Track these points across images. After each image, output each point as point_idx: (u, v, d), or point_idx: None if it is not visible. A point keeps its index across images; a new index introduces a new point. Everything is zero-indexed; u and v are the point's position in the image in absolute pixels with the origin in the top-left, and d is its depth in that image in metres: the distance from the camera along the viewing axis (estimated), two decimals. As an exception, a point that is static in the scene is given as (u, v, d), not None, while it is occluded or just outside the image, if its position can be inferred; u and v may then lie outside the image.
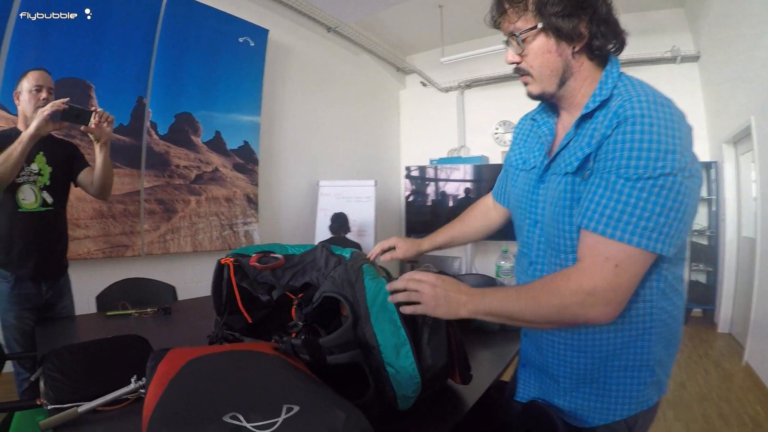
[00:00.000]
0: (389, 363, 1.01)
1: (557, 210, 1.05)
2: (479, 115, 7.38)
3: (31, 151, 2.16)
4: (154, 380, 0.93)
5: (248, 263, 1.47)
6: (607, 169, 0.93)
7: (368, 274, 1.17)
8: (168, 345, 1.84)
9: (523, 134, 1.31)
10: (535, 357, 1.20)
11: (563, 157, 1.07)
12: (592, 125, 1.01)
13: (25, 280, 2.27)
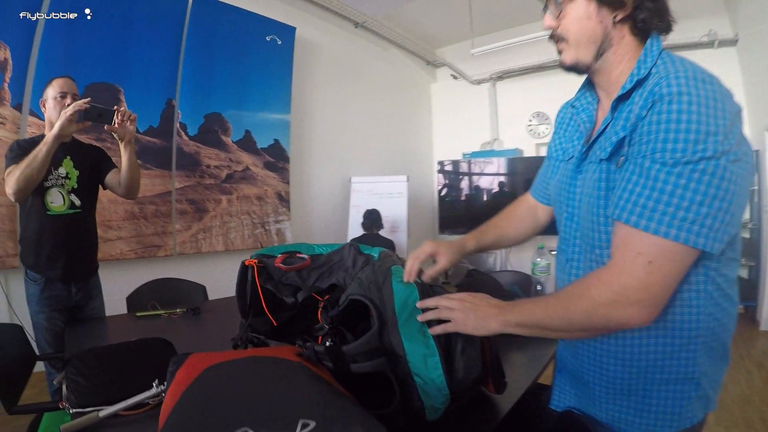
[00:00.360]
0: (416, 373, 0.93)
1: (591, 201, 0.97)
2: (512, 106, 7.22)
3: (58, 155, 2.21)
4: (171, 387, 0.90)
5: (273, 264, 1.42)
6: (641, 154, 0.84)
7: (397, 276, 1.10)
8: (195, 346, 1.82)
9: (564, 123, 1.22)
10: (570, 362, 1.12)
11: (600, 143, 0.99)
12: (628, 107, 0.91)
13: (55, 282, 2.29)
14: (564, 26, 0.98)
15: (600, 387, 1.02)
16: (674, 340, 0.92)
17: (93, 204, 2.47)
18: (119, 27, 3.77)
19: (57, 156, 2.22)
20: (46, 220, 2.25)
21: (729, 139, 0.78)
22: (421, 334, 0.96)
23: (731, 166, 0.79)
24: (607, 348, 0.99)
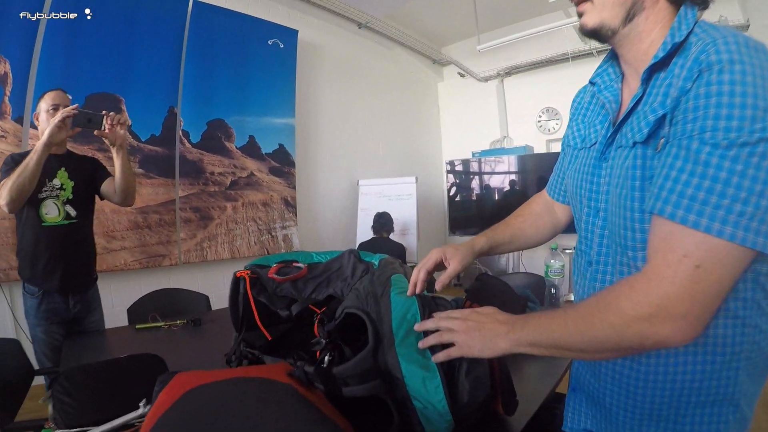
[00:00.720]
0: (415, 396, 0.83)
1: (623, 193, 0.81)
2: (521, 103, 7.08)
3: (52, 167, 2.25)
4: (151, 410, 0.83)
5: (266, 275, 1.33)
6: (688, 134, 0.69)
7: (397, 286, 1.00)
8: (192, 360, 1.76)
9: (581, 106, 1.08)
10: (589, 382, 0.98)
11: (631, 124, 0.83)
12: (666, 79, 0.77)
13: (52, 294, 2.29)
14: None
15: (624, 411, 0.88)
16: (714, 357, 0.78)
17: (89, 214, 2.47)
18: (119, 36, 3.73)
19: (52, 168, 2.24)
20: (41, 232, 2.25)
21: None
22: (420, 354, 0.86)
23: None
24: (637, 368, 0.85)
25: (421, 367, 0.84)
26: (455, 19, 6.60)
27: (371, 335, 0.87)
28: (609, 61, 0.96)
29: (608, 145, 0.90)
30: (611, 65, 0.96)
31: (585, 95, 1.08)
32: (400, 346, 0.85)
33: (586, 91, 1.08)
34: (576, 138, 1.05)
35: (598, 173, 0.93)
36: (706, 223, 0.65)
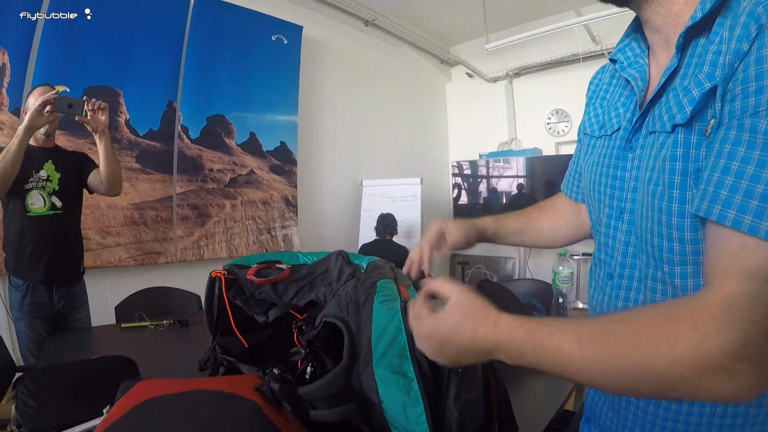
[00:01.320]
0: (395, 425, 0.70)
1: (658, 191, 0.65)
2: (530, 104, 6.94)
3: (39, 159, 2.31)
4: (104, 419, 0.76)
5: (245, 276, 1.22)
6: (751, 110, 0.52)
7: (382, 294, 0.87)
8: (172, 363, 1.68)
9: (600, 89, 0.92)
10: (606, 416, 0.82)
11: (666, 104, 0.66)
12: (710, 45, 0.60)
13: (37, 287, 2.31)
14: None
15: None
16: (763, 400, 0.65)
17: (76, 206, 2.50)
18: (119, 28, 3.64)
19: (39, 159, 2.30)
20: (26, 222, 2.28)
21: None
22: (401, 375, 0.72)
23: None
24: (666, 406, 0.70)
25: (402, 389, 0.70)
26: (464, 18, 6.49)
27: (346, 350, 0.75)
28: (631, 34, 0.81)
29: (635, 131, 0.74)
30: (634, 39, 0.80)
31: (604, 75, 0.93)
32: (378, 365, 0.71)
33: (605, 71, 0.93)
34: (593, 124, 0.89)
35: (622, 166, 0.76)
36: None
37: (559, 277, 2.22)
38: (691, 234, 0.61)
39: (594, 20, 4.81)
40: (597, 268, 0.85)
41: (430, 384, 0.73)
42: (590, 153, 0.88)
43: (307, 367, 0.90)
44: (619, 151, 0.77)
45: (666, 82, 0.67)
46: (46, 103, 2.09)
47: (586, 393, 0.92)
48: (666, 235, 0.64)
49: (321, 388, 0.73)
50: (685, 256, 0.63)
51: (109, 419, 0.74)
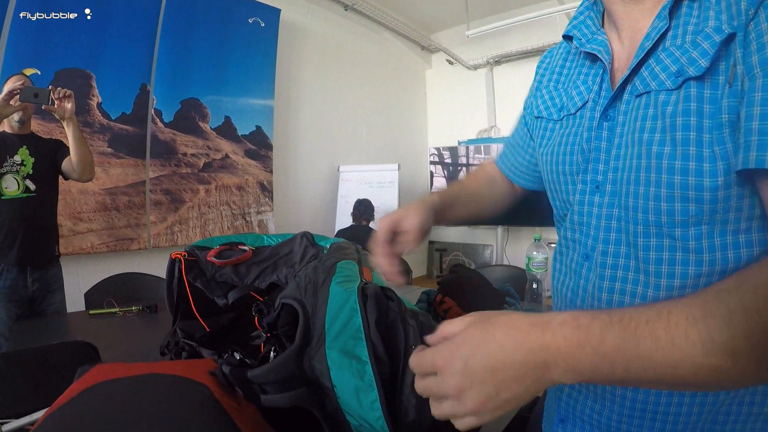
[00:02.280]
0: (348, 411, 0.67)
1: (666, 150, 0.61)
2: (510, 92, 6.94)
3: (14, 145, 2.38)
4: (55, 402, 0.73)
5: (206, 258, 1.18)
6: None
7: (341, 274, 0.84)
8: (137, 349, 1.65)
9: (553, 72, 0.89)
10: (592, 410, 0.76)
11: (658, 64, 0.64)
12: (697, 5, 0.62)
13: (10, 270, 2.35)
14: None
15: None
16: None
17: (50, 190, 2.55)
18: (91, 9, 3.53)
19: (13, 145, 2.38)
20: (1, 205, 2.33)
21: None
22: (354, 359, 0.68)
23: None
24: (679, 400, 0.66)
25: (355, 374, 0.66)
26: (445, 4, 6.45)
27: (299, 332, 0.71)
28: (585, 12, 0.80)
29: (612, 100, 0.70)
30: (588, 17, 0.79)
31: (554, 59, 0.91)
32: (331, 348, 0.67)
33: (554, 55, 0.91)
34: (550, 107, 0.85)
35: (596, 137, 0.73)
36: None
37: (533, 263, 2.21)
38: (710, 193, 0.58)
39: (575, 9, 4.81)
40: (569, 250, 0.80)
41: (385, 369, 0.69)
42: (549, 137, 0.84)
43: (269, 351, 0.87)
44: (591, 123, 0.74)
45: (655, 44, 0.65)
46: (12, 93, 2.19)
47: (556, 392, 0.85)
48: (679, 197, 0.61)
49: (271, 372, 0.69)
50: (702, 215, 0.60)
51: (57, 403, 0.72)
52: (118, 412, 0.66)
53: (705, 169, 0.57)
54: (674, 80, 0.61)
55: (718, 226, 0.59)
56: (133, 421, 0.64)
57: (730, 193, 0.57)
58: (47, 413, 0.70)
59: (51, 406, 0.72)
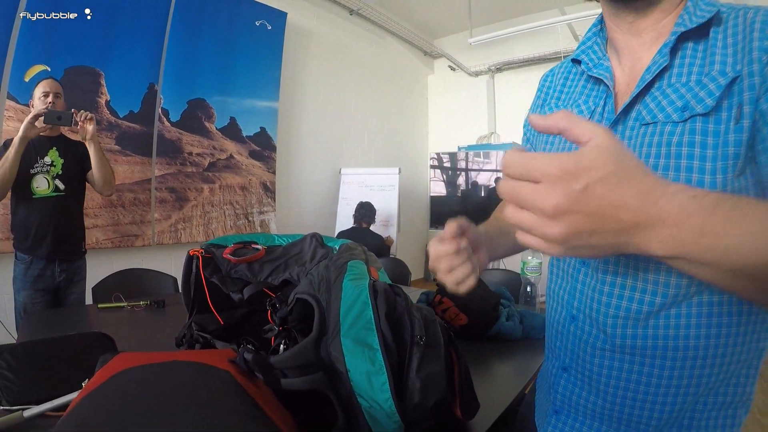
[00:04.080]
0: (360, 394, 0.76)
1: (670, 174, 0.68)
2: (510, 99, 7.03)
3: (44, 146, 2.54)
4: (82, 390, 0.78)
5: (222, 255, 1.26)
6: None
7: (352, 272, 0.93)
8: (149, 342, 1.70)
9: (554, 90, 0.97)
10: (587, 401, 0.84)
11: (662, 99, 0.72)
12: (714, 49, 0.70)
13: (40, 260, 2.53)
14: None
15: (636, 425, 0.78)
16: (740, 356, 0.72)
17: (78, 190, 2.71)
18: (101, 9, 3.59)
19: (43, 147, 2.53)
20: (32, 204, 2.50)
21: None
22: (366, 346, 0.77)
23: None
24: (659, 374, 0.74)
25: (367, 359, 0.76)
26: (449, 11, 6.53)
27: (316, 323, 0.80)
28: (593, 38, 0.88)
29: (615, 124, 0.77)
30: (596, 43, 0.87)
31: (555, 78, 0.98)
32: (345, 337, 0.77)
33: (556, 75, 0.98)
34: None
35: None
36: None
37: (528, 267, 2.29)
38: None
39: (577, 20, 4.89)
40: (564, 259, 0.87)
41: (393, 356, 0.78)
42: (551, 150, 0.90)
43: (280, 343, 0.95)
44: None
45: (655, 78, 0.73)
46: (37, 116, 2.34)
47: (553, 385, 0.92)
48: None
49: (291, 358, 0.77)
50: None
51: (87, 389, 0.76)
52: (151, 393, 0.72)
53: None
54: (680, 114, 0.69)
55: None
56: (167, 400, 0.70)
57: None
58: (80, 396, 0.74)
59: (82, 390, 0.78)
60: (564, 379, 0.88)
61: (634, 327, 0.74)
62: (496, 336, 1.67)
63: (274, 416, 0.73)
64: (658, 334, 0.72)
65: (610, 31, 0.82)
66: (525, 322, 1.73)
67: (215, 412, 0.67)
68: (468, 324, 1.67)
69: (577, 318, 0.83)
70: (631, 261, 0.74)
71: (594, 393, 0.82)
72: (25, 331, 1.91)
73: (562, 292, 0.88)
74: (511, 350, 1.60)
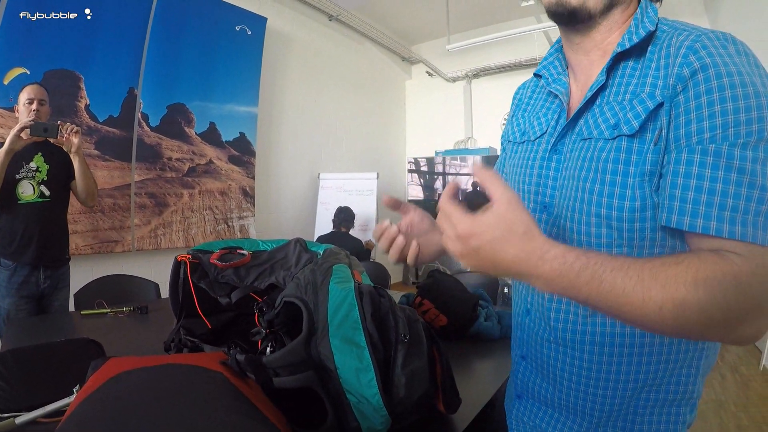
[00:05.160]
0: (348, 390, 0.81)
1: (596, 187, 0.75)
2: (487, 105, 7.15)
3: (30, 152, 2.52)
4: (78, 395, 0.81)
5: (208, 261, 1.30)
6: (708, 135, 0.64)
7: (337, 276, 0.98)
8: (134, 348, 1.72)
9: (523, 102, 1.03)
10: (540, 387, 0.91)
11: (599, 116, 0.78)
12: (646, 69, 0.74)
13: (24, 267, 2.52)
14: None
15: (581, 414, 0.84)
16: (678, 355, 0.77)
17: (62, 197, 2.71)
18: (81, 12, 3.58)
19: (29, 152, 2.51)
20: (17, 209, 2.50)
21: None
22: (354, 345, 0.83)
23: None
24: (597, 368, 0.81)
25: (355, 357, 0.81)
26: (427, 17, 6.62)
27: (305, 324, 0.84)
28: (554, 54, 0.93)
29: (561, 137, 0.85)
30: (557, 59, 0.92)
31: (525, 91, 1.05)
32: (334, 336, 0.82)
33: (526, 87, 1.05)
34: (515, 132, 1.00)
35: (546, 166, 0.87)
36: (762, 236, 0.60)
37: (505, 270, 2.35)
38: (628, 224, 0.73)
39: (552, 27, 5.00)
40: None
41: (380, 354, 0.84)
42: (513, 157, 0.98)
43: (267, 346, 0.99)
44: (544, 154, 0.87)
45: (594, 95, 0.79)
46: (23, 128, 2.35)
47: (515, 372, 1.00)
48: (604, 224, 0.75)
49: (283, 357, 0.82)
50: (622, 240, 0.74)
51: (83, 393, 0.79)
52: (151, 395, 0.75)
53: (625, 205, 0.72)
54: (611, 132, 0.75)
55: (636, 250, 0.74)
56: (167, 401, 0.74)
57: (645, 225, 0.72)
58: (78, 401, 0.77)
59: (78, 394, 0.80)
60: (522, 367, 0.95)
61: (575, 323, 0.81)
62: (476, 336, 1.73)
63: (269, 414, 0.77)
64: (597, 330, 0.79)
65: (565, 49, 0.88)
66: (503, 322, 1.79)
67: (215, 412, 0.71)
68: (448, 325, 1.73)
69: (531, 312, 0.90)
70: None
71: (546, 381, 0.89)
72: (9, 339, 1.90)
73: (521, 287, 0.95)
74: (490, 349, 1.66)
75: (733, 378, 3.68)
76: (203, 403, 0.74)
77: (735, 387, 3.50)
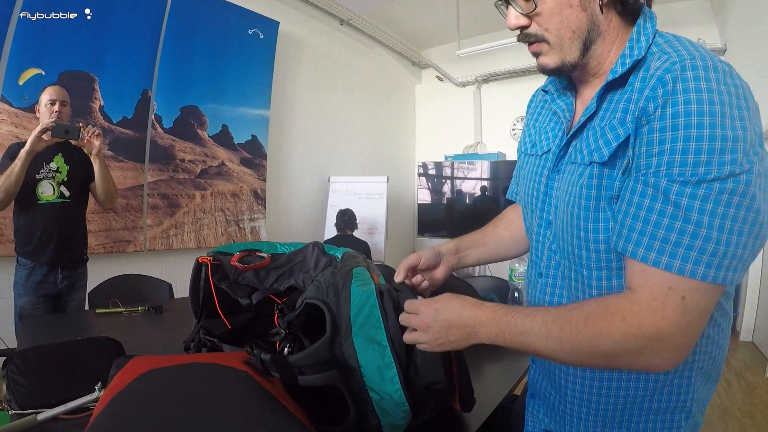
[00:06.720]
0: (371, 387, 0.84)
1: (575, 212, 0.80)
2: (496, 110, 7.17)
3: (50, 152, 2.52)
4: (104, 393, 0.83)
5: (229, 263, 1.33)
6: (654, 169, 0.67)
7: (358, 279, 1.01)
8: (151, 347, 1.75)
9: (535, 111, 1.04)
10: (546, 390, 0.97)
11: (586, 140, 0.80)
12: (624, 96, 0.75)
13: (42, 266, 2.52)
14: (539, 23, 0.80)
15: (578, 418, 0.89)
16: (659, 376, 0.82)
17: (82, 197, 2.71)
18: (96, 14, 3.62)
19: (49, 153, 2.51)
20: (37, 209, 2.50)
21: (756, 146, 0.65)
22: (376, 344, 0.86)
23: (759, 180, 0.64)
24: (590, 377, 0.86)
25: (378, 356, 0.85)
26: (437, 22, 6.63)
27: (329, 325, 0.88)
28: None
29: (561, 157, 0.88)
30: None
31: (537, 100, 1.06)
32: (357, 336, 0.86)
33: (539, 97, 1.06)
34: (527, 143, 1.01)
35: (550, 184, 0.90)
36: (679, 265, 0.65)
37: (515, 274, 2.38)
38: (604, 245, 0.77)
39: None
40: (530, 268, 1.00)
41: (399, 349, 0.88)
42: (524, 167, 1.01)
43: (285, 347, 1.02)
44: (549, 172, 0.91)
45: (586, 120, 0.82)
46: (45, 130, 2.36)
47: (528, 372, 1.07)
48: (584, 246, 0.80)
49: (308, 357, 0.85)
50: (600, 262, 0.79)
51: (109, 393, 0.81)
52: (181, 392, 0.78)
53: (600, 227, 0.77)
54: (589, 158, 0.79)
55: (615, 272, 0.79)
56: (198, 398, 0.76)
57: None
58: (107, 398, 0.79)
59: (106, 392, 0.82)
60: (533, 369, 1.04)
61: None
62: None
63: (295, 411, 0.80)
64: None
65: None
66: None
67: (246, 409, 0.74)
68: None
69: None
70: (572, 274, 0.85)
71: (550, 384, 0.95)
72: (25, 337, 1.92)
73: (529, 297, 1.01)
74: (501, 352, 1.67)
75: (738, 384, 3.69)
76: (236, 401, 0.77)
77: (740, 393, 3.51)
